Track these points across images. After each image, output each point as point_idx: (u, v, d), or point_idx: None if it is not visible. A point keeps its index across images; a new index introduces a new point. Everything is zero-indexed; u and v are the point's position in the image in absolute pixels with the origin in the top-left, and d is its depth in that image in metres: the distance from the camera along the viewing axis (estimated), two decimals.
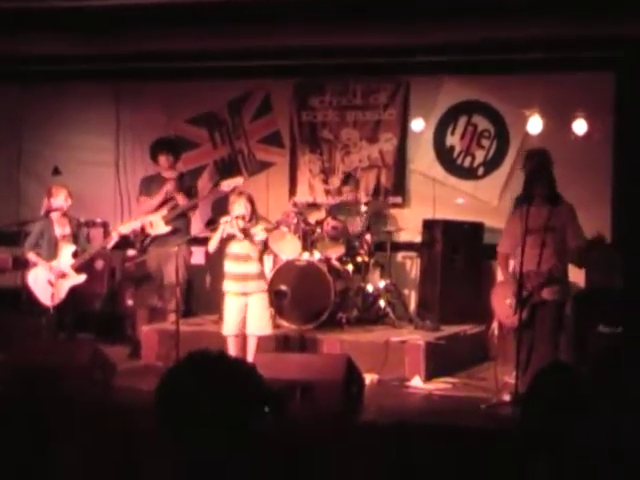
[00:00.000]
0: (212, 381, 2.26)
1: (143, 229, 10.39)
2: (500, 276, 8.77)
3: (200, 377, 2.28)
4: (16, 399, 7.14)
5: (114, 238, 10.19)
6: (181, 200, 10.45)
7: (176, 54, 10.91)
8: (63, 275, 9.80)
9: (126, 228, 10.28)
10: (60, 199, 9.97)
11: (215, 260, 9.77)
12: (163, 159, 10.65)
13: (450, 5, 9.13)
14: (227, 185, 9.82)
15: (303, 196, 11.86)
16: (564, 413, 2.13)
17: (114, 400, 7.74)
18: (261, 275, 9.03)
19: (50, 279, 9.75)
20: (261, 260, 9.07)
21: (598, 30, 9.42)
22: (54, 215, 9.98)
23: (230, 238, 8.82)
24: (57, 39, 10.24)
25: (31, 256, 9.96)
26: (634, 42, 9.84)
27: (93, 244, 10.35)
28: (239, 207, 8.77)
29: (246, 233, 8.77)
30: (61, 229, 9.98)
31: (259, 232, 8.89)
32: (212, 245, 8.93)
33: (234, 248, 8.85)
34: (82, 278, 9.92)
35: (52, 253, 9.92)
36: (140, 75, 12.07)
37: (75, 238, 10.04)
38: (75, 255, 9.91)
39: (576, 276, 9.25)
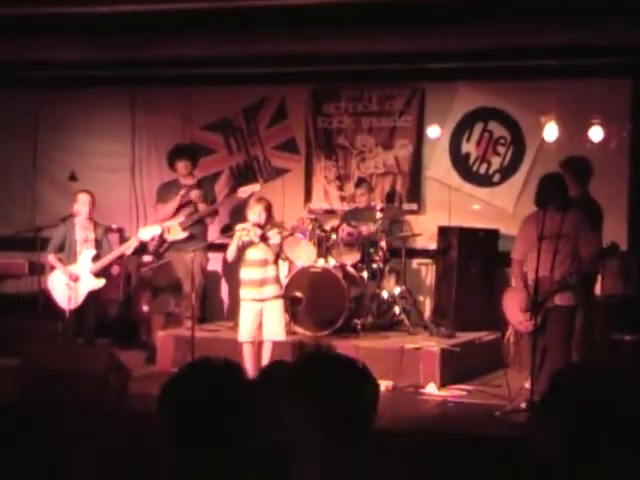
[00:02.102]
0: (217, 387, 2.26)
1: (160, 235, 10.41)
2: (514, 281, 8.76)
3: (201, 383, 2.28)
4: (32, 403, 7.16)
5: (134, 243, 10.19)
6: (201, 207, 10.47)
7: (192, 60, 10.94)
8: (79, 279, 9.83)
9: (147, 233, 10.29)
10: (80, 204, 10.00)
11: (231, 266, 9.79)
12: (181, 165, 10.67)
13: (465, 11, 9.12)
14: (244, 192, 9.85)
15: (318, 202, 11.87)
16: (584, 417, 2.11)
17: (129, 405, 7.74)
18: (278, 279, 9.04)
19: (68, 282, 9.78)
20: (276, 264, 9.07)
21: (614, 36, 9.39)
22: (77, 219, 10.02)
23: (247, 245, 8.82)
24: (73, 45, 10.28)
25: (51, 259, 10.01)
26: None
27: (113, 249, 10.37)
28: (254, 214, 8.78)
29: (263, 237, 8.79)
30: (84, 233, 10.02)
31: (273, 235, 8.91)
32: (230, 254, 8.93)
33: (251, 254, 8.86)
34: (101, 283, 9.95)
35: (72, 257, 9.96)
36: (156, 81, 12.11)
37: (98, 243, 10.07)
38: (96, 259, 9.94)
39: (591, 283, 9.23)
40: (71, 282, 9.77)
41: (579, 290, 8.16)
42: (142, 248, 10.66)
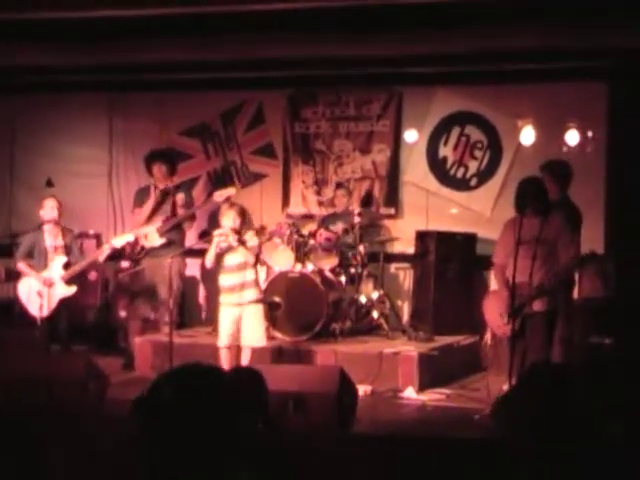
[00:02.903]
0: (191, 390, 2.25)
1: (137, 241, 10.37)
2: (494, 286, 8.76)
3: (181, 386, 2.27)
4: (7, 412, 7.11)
5: (106, 250, 10.14)
6: (181, 212, 10.44)
7: (169, 65, 10.91)
8: (52, 285, 9.76)
9: (119, 241, 10.23)
10: (47, 210, 9.94)
11: (209, 272, 9.76)
12: (157, 170, 10.63)
13: (442, 16, 9.14)
14: (220, 195, 9.84)
15: (296, 207, 11.88)
16: (551, 412, 2.12)
17: (108, 411, 7.70)
18: (257, 283, 9.00)
19: (39, 290, 9.72)
20: (256, 267, 9.05)
21: (590, 40, 9.43)
22: (46, 226, 9.95)
23: (226, 251, 8.79)
24: (50, 50, 10.23)
25: (21, 266, 9.94)
26: (626, 52, 9.84)
27: (85, 256, 10.30)
28: (228, 219, 8.76)
29: (240, 241, 8.77)
30: (53, 240, 9.94)
31: (251, 238, 8.88)
32: (209, 260, 8.89)
33: (230, 259, 8.82)
34: (73, 290, 9.87)
35: (43, 264, 9.88)
36: (133, 86, 12.07)
37: (68, 249, 10.00)
38: (67, 266, 9.88)
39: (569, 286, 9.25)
40: (44, 289, 9.70)
41: (558, 295, 8.16)
42: (119, 254, 10.62)
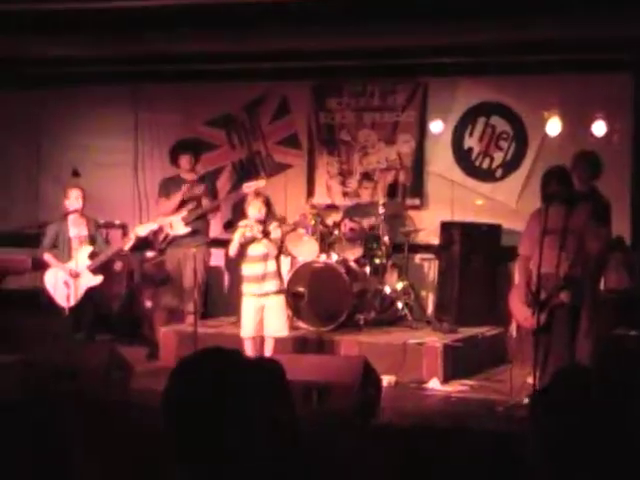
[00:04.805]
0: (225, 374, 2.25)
1: (162, 230, 10.41)
2: (517, 277, 8.72)
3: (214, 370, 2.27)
4: (33, 400, 7.16)
5: (131, 240, 10.16)
6: (205, 202, 10.47)
7: (194, 56, 10.93)
8: (79, 276, 9.81)
9: (143, 230, 10.24)
10: (72, 200, 9.98)
11: (233, 262, 9.79)
12: (184, 160, 10.66)
13: (468, 6, 9.10)
14: (248, 187, 9.83)
15: (321, 198, 11.86)
16: (575, 417, 2.11)
17: (131, 401, 7.74)
18: (278, 274, 9.03)
19: (66, 280, 9.77)
20: (278, 258, 9.07)
21: (616, 31, 9.38)
22: (70, 216, 9.99)
23: (250, 241, 8.82)
24: (74, 42, 10.26)
25: (46, 257, 9.99)
26: None
27: (111, 245, 10.34)
28: (254, 209, 8.79)
29: (265, 232, 8.79)
30: (77, 230, 9.98)
31: (274, 229, 8.91)
32: (232, 250, 8.93)
33: (253, 250, 8.85)
34: (99, 279, 9.93)
35: (67, 254, 9.93)
36: (158, 77, 12.10)
37: (92, 239, 10.04)
38: (92, 256, 9.92)
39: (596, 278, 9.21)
40: (71, 279, 9.75)
41: (585, 286, 8.10)
42: (145, 244, 10.67)
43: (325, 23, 9.58)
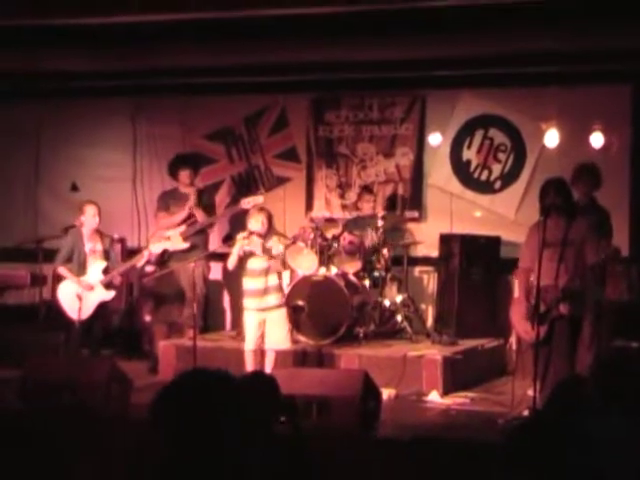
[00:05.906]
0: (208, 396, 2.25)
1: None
2: (517, 290, 8.72)
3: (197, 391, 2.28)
4: (33, 414, 7.15)
5: (144, 257, 10.22)
6: (200, 216, 10.48)
7: (192, 70, 10.93)
8: (93, 289, 9.84)
9: (157, 247, 10.28)
10: (89, 217, 10.02)
11: (232, 276, 9.79)
12: (184, 175, 10.69)
13: (466, 19, 9.12)
14: (247, 202, 9.84)
15: (320, 211, 11.87)
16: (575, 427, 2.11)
17: (131, 415, 7.73)
18: (280, 288, 9.06)
19: (79, 293, 9.77)
20: (279, 273, 9.09)
21: (613, 43, 9.39)
22: (85, 231, 10.03)
23: (249, 255, 8.84)
24: (74, 55, 10.28)
25: (61, 270, 10.01)
26: None
27: (124, 261, 10.37)
28: (256, 223, 8.81)
29: (264, 249, 8.81)
30: (91, 244, 10.03)
31: (275, 244, 8.92)
32: (231, 262, 8.96)
33: (253, 264, 8.87)
34: (112, 294, 9.98)
35: (81, 268, 9.96)
36: (157, 91, 12.10)
37: (107, 254, 10.08)
38: (106, 271, 9.95)
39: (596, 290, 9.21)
40: (84, 293, 9.76)
41: (584, 298, 8.10)
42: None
43: (323, 36, 9.60)
